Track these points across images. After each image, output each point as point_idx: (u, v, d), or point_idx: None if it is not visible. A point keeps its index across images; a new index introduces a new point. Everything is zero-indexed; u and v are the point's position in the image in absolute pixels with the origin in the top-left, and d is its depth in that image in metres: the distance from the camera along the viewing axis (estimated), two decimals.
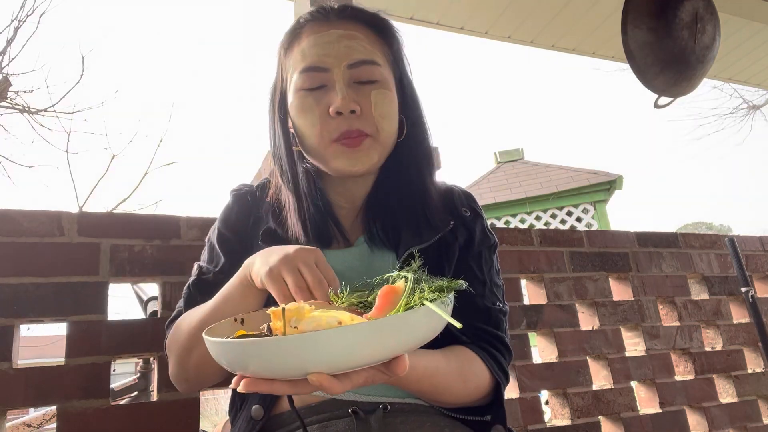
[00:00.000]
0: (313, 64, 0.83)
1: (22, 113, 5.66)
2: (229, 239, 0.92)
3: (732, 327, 1.83)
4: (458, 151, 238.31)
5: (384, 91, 0.84)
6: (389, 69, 0.87)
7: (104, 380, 1.02)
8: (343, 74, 0.82)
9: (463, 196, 0.98)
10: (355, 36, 0.84)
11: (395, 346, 0.53)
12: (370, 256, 0.88)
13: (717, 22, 2.26)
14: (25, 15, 5.49)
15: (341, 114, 0.81)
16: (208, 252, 0.94)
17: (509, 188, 7.44)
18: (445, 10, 2.46)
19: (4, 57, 5.41)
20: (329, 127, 0.82)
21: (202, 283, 0.89)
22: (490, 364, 0.83)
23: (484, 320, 0.88)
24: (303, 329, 0.53)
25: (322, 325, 0.52)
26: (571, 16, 2.63)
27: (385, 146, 0.86)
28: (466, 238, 0.92)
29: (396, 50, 0.91)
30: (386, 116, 0.84)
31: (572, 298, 1.58)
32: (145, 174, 6.62)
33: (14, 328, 0.99)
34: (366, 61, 0.83)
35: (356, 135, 0.82)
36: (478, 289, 0.89)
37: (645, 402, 1.61)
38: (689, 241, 1.88)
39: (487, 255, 0.94)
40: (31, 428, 2.30)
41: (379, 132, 0.84)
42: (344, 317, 0.54)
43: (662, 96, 2.31)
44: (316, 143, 0.84)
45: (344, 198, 0.92)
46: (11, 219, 1.03)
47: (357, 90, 0.83)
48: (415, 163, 0.90)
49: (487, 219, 0.99)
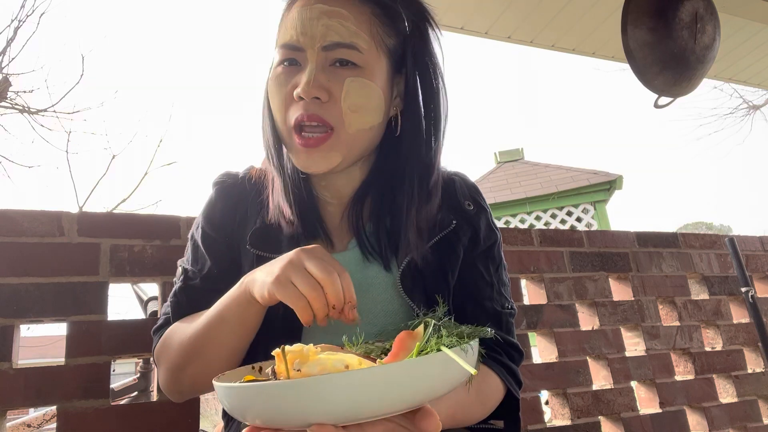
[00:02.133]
0: (290, 42, 0.76)
1: (22, 113, 5.67)
2: (215, 240, 0.85)
3: (732, 327, 1.83)
4: (458, 151, 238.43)
5: (362, 80, 0.75)
6: (380, 54, 0.78)
7: (104, 380, 1.02)
8: (317, 56, 0.74)
9: (466, 187, 0.90)
10: (338, 14, 0.75)
11: (409, 395, 0.47)
12: (363, 264, 0.81)
13: (717, 22, 2.26)
14: (25, 15, 5.50)
15: (303, 99, 0.74)
16: (191, 251, 0.88)
17: (509, 188, 7.44)
18: (445, 10, 2.46)
19: (4, 57, 5.41)
20: (291, 111, 0.76)
21: (190, 289, 0.83)
22: (506, 379, 0.80)
23: (496, 326, 0.83)
24: (307, 373, 0.48)
25: (328, 369, 0.48)
26: (571, 16, 2.63)
27: (352, 145, 0.77)
28: (470, 236, 0.85)
29: (403, 32, 0.81)
30: (358, 109, 0.75)
31: (572, 298, 1.58)
32: (145, 174, 6.63)
33: (14, 328, 0.99)
34: (342, 44, 0.74)
35: (316, 131, 0.75)
36: (487, 293, 0.85)
37: (645, 402, 1.61)
38: (689, 241, 1.88)
39: (494, 253, 0.89)
40: (31, 428, 2.30)
41: (345, 126, 0.75)
42: (352, 361, 0.49)
43: (662, 96, 2.31)
44: (281, 128, 0.78)
45: (330, 192, 0.86)
46: (11, 219, 1.03)
47: (332, 74, 0.75)
48: (413, 161, 0.81)
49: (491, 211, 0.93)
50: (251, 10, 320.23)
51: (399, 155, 0.82)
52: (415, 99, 0.82)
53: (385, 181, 0.84)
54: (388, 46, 0.79)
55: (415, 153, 0.81)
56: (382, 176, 0.84)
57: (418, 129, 0.82)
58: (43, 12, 5.60)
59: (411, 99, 0.81)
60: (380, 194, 0.84)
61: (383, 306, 0.80)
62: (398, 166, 0.82)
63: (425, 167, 0.82)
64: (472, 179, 0.94)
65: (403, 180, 0.81)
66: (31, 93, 5.66)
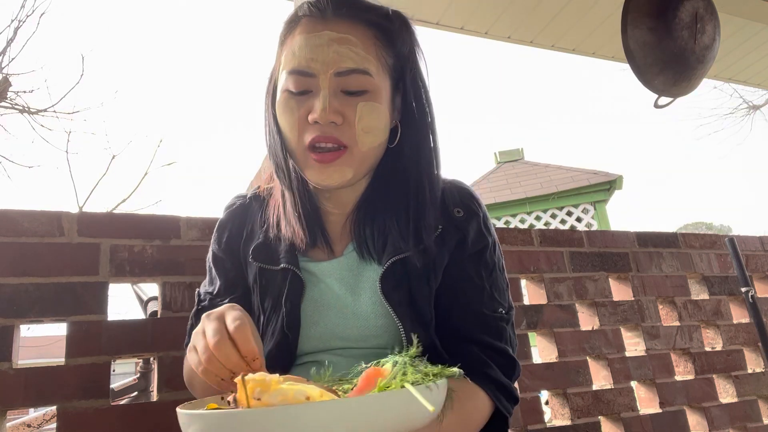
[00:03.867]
0: (299, 68, 0.78)
1: (22, 113, 5.67)
2: (222, 260, 0.91)
3: (732, 327, 1.83)
4: (458, 151, 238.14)
5: (372, 104, 0.79)
6: (385, 75, 0.82)
7: (104, 380, 1.02)
8: (330, 82, 0.77)
9: (457, 194, 0.91)
10: (347, 40, 0.78)
11: (367, 430, 0.46)
12: (358, 267, 0.85)
13: (717, 22, 2.26)
14: (25, 15, 5.50)
15: (318, 123, 0.78)
16: (207, 275, 0.94)
17: (509, 188, 7.44)
18: (445, 10, 2.46)
19: (4, 57, 5.41)
20: (306, 133, 0.79)
21: (201, 312, 0.84)
22: (495, 396, 0.78)
23: (484, 330, 0.83)
24: (267, 402, 0.47)
25: (289, 399, 0.47)
26: (571, 16, 2.63)
27: (363, 161, 0.82)
28: (458, 240, 0.86)
29: (400, 52, 0.85)
30: (370, 130, 0.79)
31: (572, 298, 1.58)
32: (145, 174, 6.64)
33: (14, 328, 0.99)
34: (356, 71, 0.78)
35: (330, 148, 0.78)
36: (476, 296, 0.84)
37: (645, 402, 1.61)
38: (689, 241, 1.88)
39: (486, 257, 0.88)
40: (31, 428, 2.30)
41: (358, 145, 0.79)
42: (313, 393, 0.48)
43: (662, 96, 2.31)
44: (294, 147, 0.81)
45: (332, 203, 0.89)
46: (11, 219, 1.03)
47: (343, 100, 0.78)
48: (410, 170, 0.85)
49: (488, 215, 0.93)
50: (252, 10, 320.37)
51: (398, 165, 0.86)
52: (411, 112, 0.86)
53: (385, 188, 0.87)
54: (389, 67, 0.83)
55: (413, 162, 0.86)
56: (382, 184, 0.88)
57: (415, 138, 0.86)
58: (43, 12, 5.61)
59: (408, 112, 0.86)
60: (381, 201, 0.87)
61: (373, 308, 0.82)
62: (399, 175, 0.86)
63: (425, 174, 0.86)
64: (468, 185, 0.95)
65: (404, 187, 0.85)
66: (31, 93, 5.67)
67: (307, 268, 0.86)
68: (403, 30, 0.86)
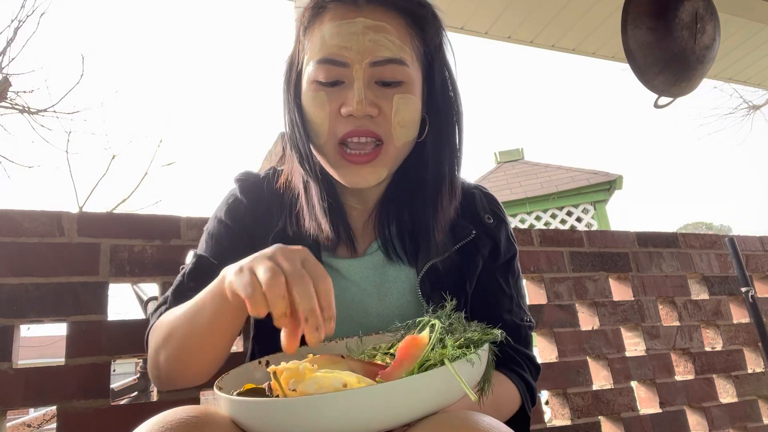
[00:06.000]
0: (332, 57, 0.73)
1: (22, 113, 5.67)
2: (237, 234, 0.84)
3: (732, 327, 1.83)
4: None
5: (408, 96, 0.75)
6: (418, 65, 0.78)
7: (104, 380, 1.02)
8: (364, 72, 0.73)
9: (485, 200, 0.90)
10: (383, 28, 0.74)
11: (407, 413, 0.46)
12: (385, 266, 0.82)
13: (717, 22, 2.26)
14: (25, 15, 5.50)
15: (353, 117, 0.73)
16: (206, 242, 0.86)
17: (509, 188, 7.44)
18: (445, 10, 2.46)
19: (4, 57, 5.41)
20: (338, 126, 0.75)
21: (198, 271, 0.81)
22: (523, 390, 0.79)
23: (515, 338, 0.83)
24: (303, 392, 0.46)
25: (325, 388, 0.46)
26: (571, 16, 2.63)
27: (397, 157, 0.78)
28: (490, 248, 0.85)
29: (432, 41, 0.80)
30: (406, 124, 0.76)
31: (572, 298, 1.58)
32: (145, 174, 6.64)
33: (14, 328, 0.99)
34: (393, 60, 0.74)
35: (363, 144, 0.74)
36: (506, 305, 0.84)
37: (645, 402, 1.61)
38: (689, 241, 1.87)
39: (514, 265, 0.88)
40: (31, 428, 2.30)
41: (393, 139, 0.76)
42: (350, 379, 0.47)
43: (662, 96, 2.31)
44: (323, 142, 0.77)
45: (356, 198, 0.86)
46: (11, 219, 1.03)
47: (378, 91, 0.74)
48: (436, 164, 0.82)
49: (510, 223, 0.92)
50: (252, 10, 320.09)
51: (422, 159, 0.82)
52: (438, 104, 0.82)
53: (409, 184, 0.84)
54: (420, 56, 0.79)
55: (438, 155, 0.82)
56: (407, 180, 0.84)
57: (441, 133, 0.82)
58: (43, 12, 5.61)
59: (434, 104, 0.82)
60: (405, 197, 0.84)
61: (400, 311, 0.80)
62: (422, 169, 0.82)
63: (448, 169, 0.82)
64: (492, 193, 0.94)
65: (426, 182, 0.82)
66: (31, 93, 5.67)
67: (331, 263, 0.83)
68: (434, 18, 0.82)
